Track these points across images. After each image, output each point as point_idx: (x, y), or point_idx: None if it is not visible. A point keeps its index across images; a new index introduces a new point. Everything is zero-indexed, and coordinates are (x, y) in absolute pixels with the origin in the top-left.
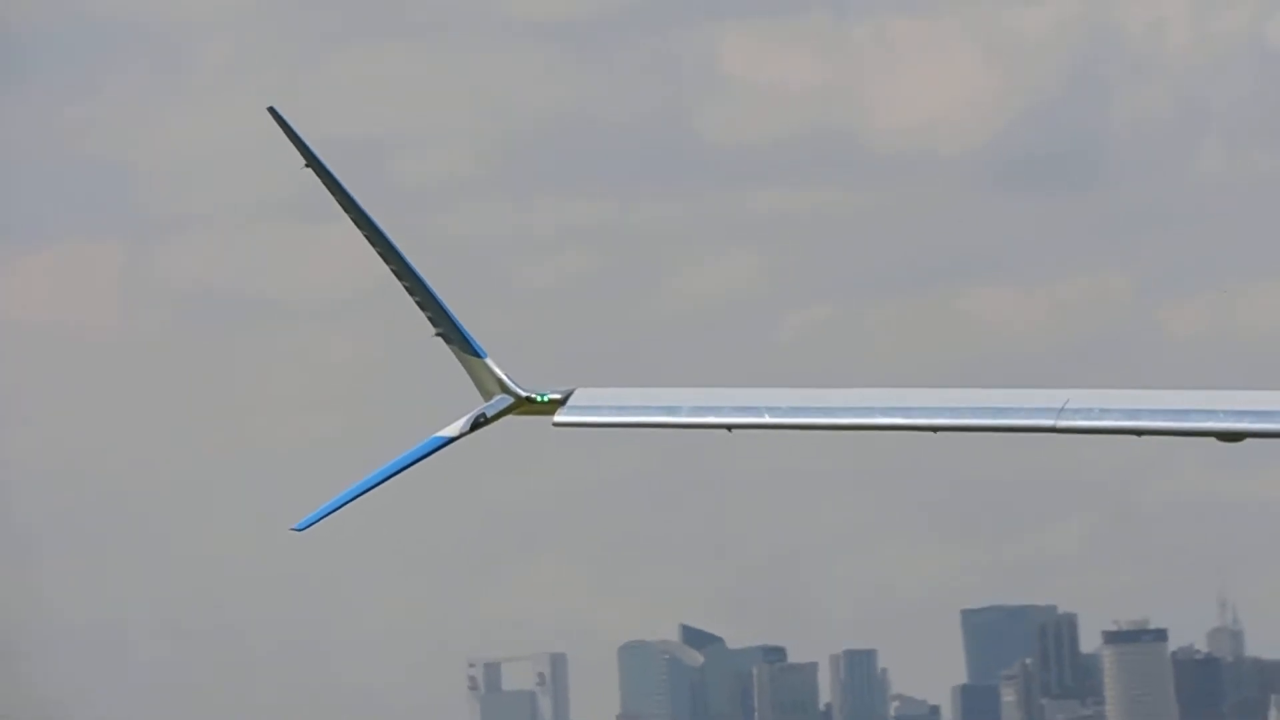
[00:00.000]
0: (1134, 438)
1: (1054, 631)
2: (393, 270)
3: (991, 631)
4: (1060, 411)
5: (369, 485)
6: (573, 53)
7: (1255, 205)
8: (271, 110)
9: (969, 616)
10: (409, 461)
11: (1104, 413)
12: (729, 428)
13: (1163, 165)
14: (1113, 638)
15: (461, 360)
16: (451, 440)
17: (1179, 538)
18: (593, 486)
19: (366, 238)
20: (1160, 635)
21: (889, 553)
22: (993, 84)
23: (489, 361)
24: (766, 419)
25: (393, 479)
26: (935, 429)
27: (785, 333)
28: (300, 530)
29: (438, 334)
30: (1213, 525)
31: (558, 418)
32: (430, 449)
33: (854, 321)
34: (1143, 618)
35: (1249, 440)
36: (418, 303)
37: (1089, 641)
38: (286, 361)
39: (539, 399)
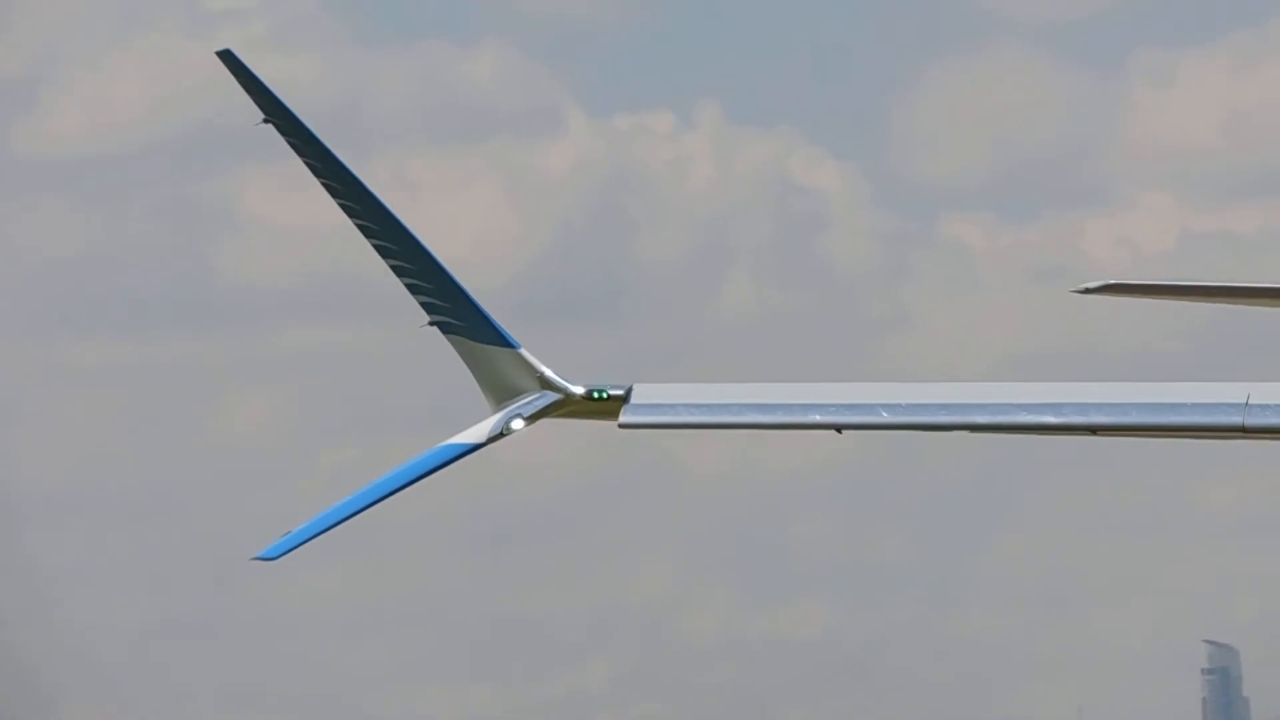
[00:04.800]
0: None
1: None
2: (380, 246)
3: None
4: (1246, 408)
5: (362, 504)
6: (89, 194)
7: (776, 339)
8: (226, 54)
9: None
10: (417, 474)
11: None
12: (838, 428)
13: (687, 301)
14: None
15: (470, 354)
16: (475, 448)
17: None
18: None
19: (345, 207)
20: None
21: None
22: (514, 222)
23: (524, 352)
24: (884, 418)
25: (390, 496)
26: (1095, 430)
27: (322, 470)
28: (269, 560)
29: (432, 323)
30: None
31: (624, 418)
32: (445, 459)
33: (387, 459)
34: None
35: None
36: (410, 285)
37: None
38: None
39: (598, 396)
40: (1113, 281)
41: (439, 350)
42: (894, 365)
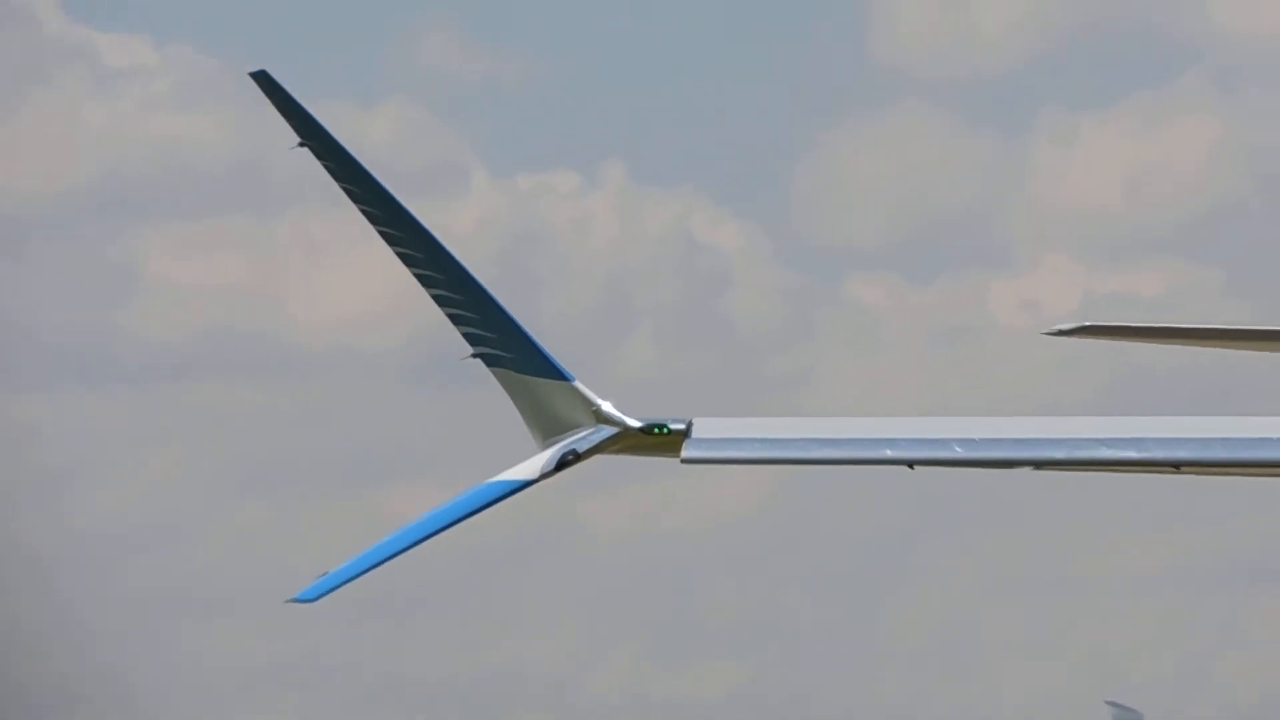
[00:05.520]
0: None
1: None
2: (422, 276)
3: None
4: None
5: (408, 543)
6: None
7: (678, 397)
8: (261, 75)
9: None
10: (463, 513)
11: None
12: (910, 464)
13: (591, 359)
14: None
15: (517, 387)
16: (526, 485)
17: None
18: None
19: (385, 235)
20: None
21: None
22: (410, 281)
23: (579, 385)
24: (958, 453)
25: (434, 536)
26: (1179, 466)
27: (226, 531)
28: (306, 601)
29: (475, 354)
30: None
31: (687, 453)
32: (493, 497)
33: (287, 521)
34: None
35: None
36: (454, 316)
37: None
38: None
39: (658, 430)
40: (1088, 323)
41: (349, 405)
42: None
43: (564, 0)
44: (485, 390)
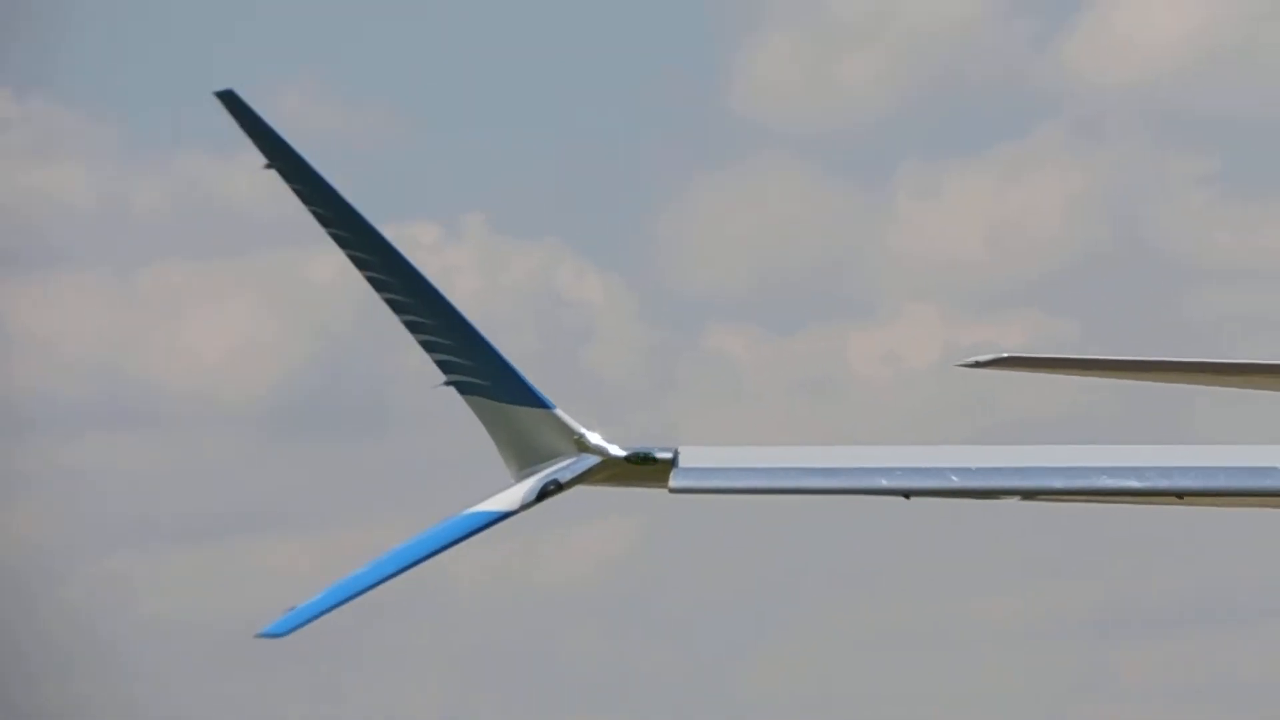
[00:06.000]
0: None
1: None
2: (393, 301)
3: None
4: None
5: (381, 576)
6: None
7: None
8: (228, 95)
9: None
10: (440, 544)
11: None
12: (906, 494)
13: (453, 413)
14: None
15: (493, 415)
16: (505, 516)
17: None
18: None
19: (355, 259)
20: None
21: None
22: (277, 332)
23: (559, 413)
24: (954, 483)
25: (410, 569)
26: (1181, 495)
27: (85, 585)
28: (276, 636)
29: (448, 382)
30: None
31: (676, 482)
32: (472, 528)
33: (154, 572)
34: None
35: None
36: (426, 342)
37: None
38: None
39: (644, 458)
40: (1005, 355)
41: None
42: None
43: (422, 52)
44: (329, 446)
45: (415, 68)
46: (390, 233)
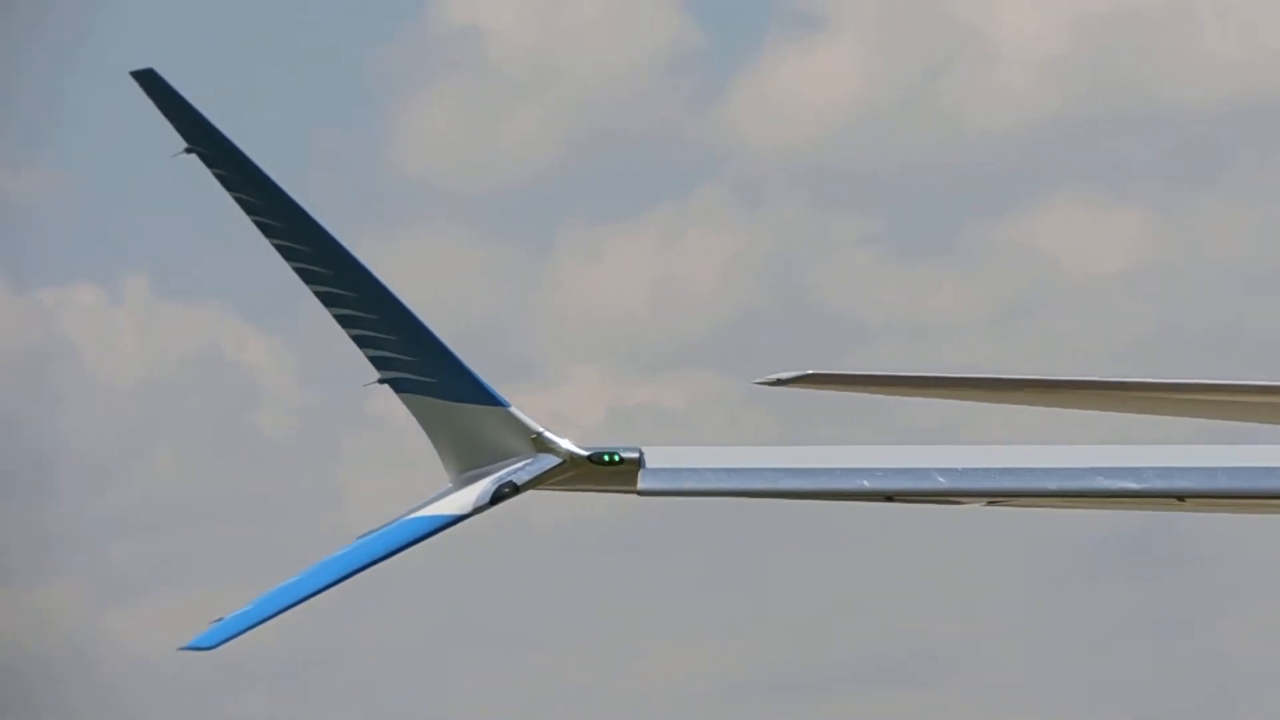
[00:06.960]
0: None
1: None
2: (325, 294)
3: None
4: None
5: (320, 584)
6: None
7: (205, 515)
8: (147, 74)
9: None
10: (386, 550)
11: None
12: (888, 496)
13: (118, 478)
14: None
15: (435, 414)
16: (457, 520)
17: None
18: None
19: (283, 249)
20: None
21: None
22: None
23: (515, 411)
24: (940, 484)
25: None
26: (1181, 497)
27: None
28: (203, 649)
29: (383, 380)
30: None
31: (644, 483)
32: (420, 533)
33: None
34: None
35: None
36: (360, 338)
37: None
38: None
39: (608, 459)
40: (810, 371)
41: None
42: (323, 547)
43: (83, 114)
44: None
45: (76, 129)
46: (50, 296)
